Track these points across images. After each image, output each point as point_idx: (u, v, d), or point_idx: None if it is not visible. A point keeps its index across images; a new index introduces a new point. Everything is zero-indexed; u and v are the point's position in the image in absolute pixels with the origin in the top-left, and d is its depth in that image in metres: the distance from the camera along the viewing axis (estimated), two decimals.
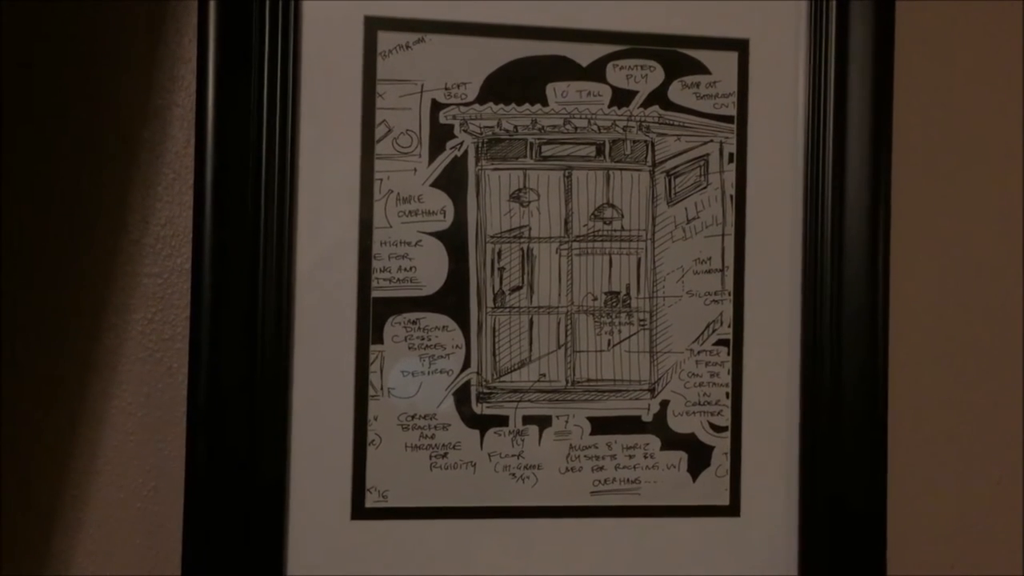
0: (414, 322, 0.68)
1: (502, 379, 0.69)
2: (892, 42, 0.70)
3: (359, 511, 0.67)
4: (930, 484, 0.75)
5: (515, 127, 0.69)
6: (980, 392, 0.76)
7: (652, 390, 0.70)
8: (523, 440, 0.69)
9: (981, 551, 0.76)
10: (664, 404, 0.70)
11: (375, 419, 0.67)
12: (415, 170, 0.68)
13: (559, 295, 0.69)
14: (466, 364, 0.68)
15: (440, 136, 0.68)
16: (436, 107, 0.68)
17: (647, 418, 0.70)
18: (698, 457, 0.70)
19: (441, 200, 0.68)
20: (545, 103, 0.69)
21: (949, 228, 0.75)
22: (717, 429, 0.71)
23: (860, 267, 0.70)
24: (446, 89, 0.68)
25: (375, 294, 0.67)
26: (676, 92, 0.70)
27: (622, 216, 0.70)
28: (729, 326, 0.71)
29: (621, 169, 0.70)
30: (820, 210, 0.70)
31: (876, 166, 0.70)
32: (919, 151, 0.74)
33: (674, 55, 0.70)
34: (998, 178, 0.76)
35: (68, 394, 0.67)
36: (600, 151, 0.70)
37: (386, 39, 0.68)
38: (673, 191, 0.70)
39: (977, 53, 0.76)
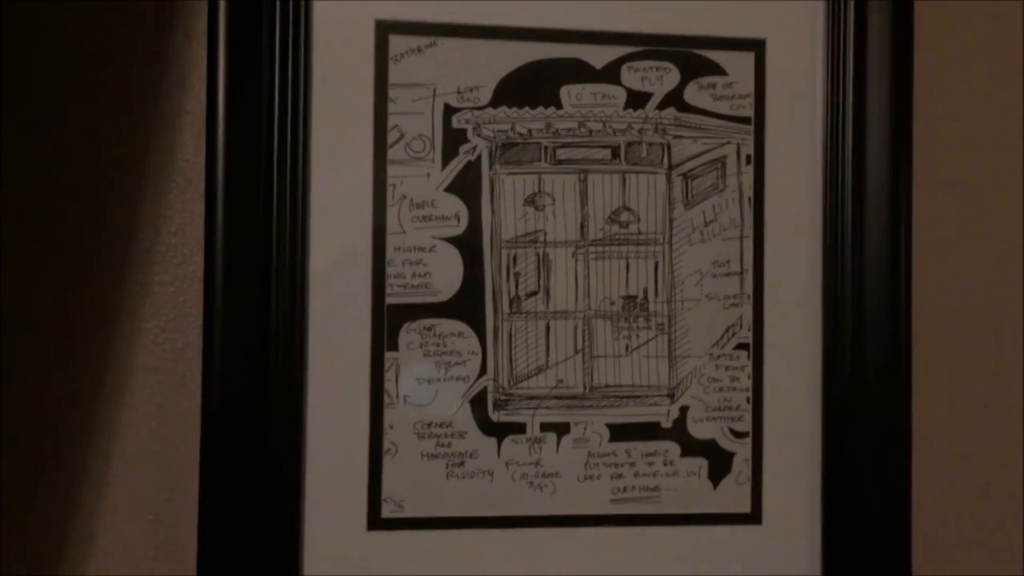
0: (429, 328, 0.67)
1: (519, 386, 0.68)
2: (911, 41, 0.69)
3: (375, 521, 0.66)
4: (955, 489, 0.74)
5: (529, 131, 0.68)
6: (1006, 396, 0.74)
7: (671, 395, 0.69)
8: (541, 448, 0.68)
9: (1009, 556, 0.74)
10: (684, 410, 0.69)
11: (391, 427, 0.66)
12: (428, 175, 0.67)
13: (576, 300, 0.68)
14: (482, 371, 0.67)
15: (453, 140, 0.67)
16: (449, 111, 0.67)
17: (666, 424, 0.69)
18: (719, 464, 0.69)
19: (455, 205, 0.67)
20: (559, 106, 0.68)
21: (971, 230, 0.74)
22: (738, 435, 0.69)
23: (881, 269, 0.68)
24: (459, 93, 0.67)
25: (389, 300, 0.66)
26: (692, 93, 0.69)
27: (639, 219, 0.69)
28: (749, 330, 0.69)
29: (637, 172, 0.69)
30: (839, 211, 0.69)
31: (896, 167, 0.69)
32: (940, 151, 0.73)
33: (690, 56, 0.69)
34: (1020, 179, 0.75)
35: (80, 405, 0.66)
36: (616, 154, 0.69)
37: (398, 43, 0.67)
38: (690, 194, 0.69)
39: (997, 51, 0.75)
